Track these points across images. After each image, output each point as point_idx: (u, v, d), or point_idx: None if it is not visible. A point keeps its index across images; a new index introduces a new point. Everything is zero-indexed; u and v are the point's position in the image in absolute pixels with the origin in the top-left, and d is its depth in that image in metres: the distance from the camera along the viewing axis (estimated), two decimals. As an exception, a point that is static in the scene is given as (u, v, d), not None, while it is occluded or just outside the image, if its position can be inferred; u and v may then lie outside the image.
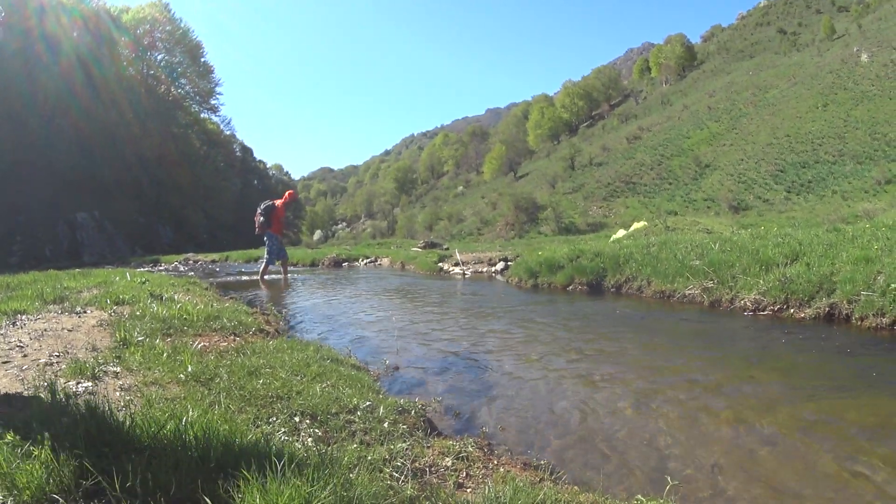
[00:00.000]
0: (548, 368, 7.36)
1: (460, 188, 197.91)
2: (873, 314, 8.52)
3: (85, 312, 8.14)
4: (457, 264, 21.83)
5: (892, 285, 8.41)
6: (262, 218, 20.01)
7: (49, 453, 3.00)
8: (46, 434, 3.18)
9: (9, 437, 3.21)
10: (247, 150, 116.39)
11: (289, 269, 23.58)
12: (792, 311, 9.81)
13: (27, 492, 2.82)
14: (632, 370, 7.16)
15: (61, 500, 2.84)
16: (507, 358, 8.03)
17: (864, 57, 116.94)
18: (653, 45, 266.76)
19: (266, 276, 20.58)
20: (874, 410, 5.47)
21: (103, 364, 5.31)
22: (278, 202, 20.46)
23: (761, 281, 10.68)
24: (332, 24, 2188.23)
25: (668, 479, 4.21)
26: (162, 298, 9.76)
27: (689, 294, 12.02)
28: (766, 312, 10.14)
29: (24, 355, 5.57)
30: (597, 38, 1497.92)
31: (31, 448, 3.09)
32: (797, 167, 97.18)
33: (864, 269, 9.36)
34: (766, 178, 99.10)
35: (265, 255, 20.75)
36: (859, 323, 8.70)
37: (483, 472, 4.20)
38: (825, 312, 9.29)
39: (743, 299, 10.72)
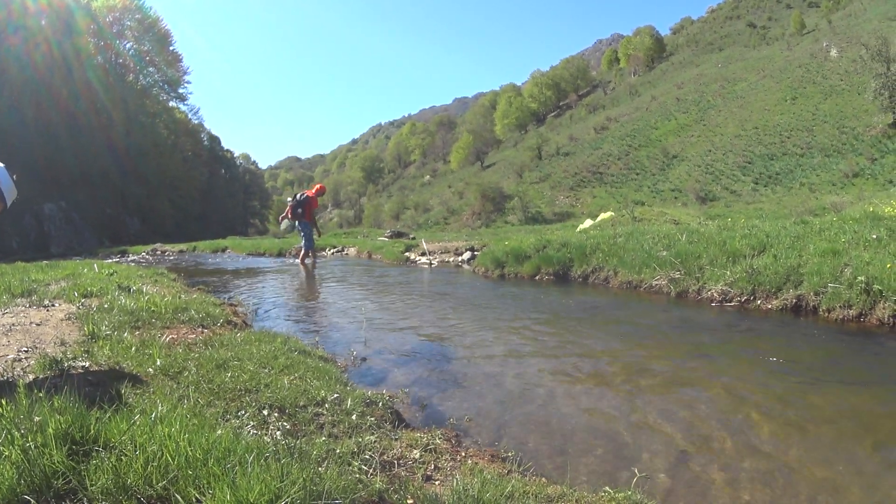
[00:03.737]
0: (514, 359, 7.41)
1: (427, 177, 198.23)
2: (840, 306, 8.64)
3: (53, 306, 8.07)
4: (423, 254, 21.83)
5: (860, 278, 8.52)
6: (299, 209, 21.50)
7: (20, 453, 3.00)
8: (17, 433, 3.18)
9: (-23, 438, 3.19)
10: (214, 140, 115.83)
11: (260, 258, 24.18)
12: (759, 302, 9.93)
13: (-2, 493, 2.81)
14: (599, 361, 7.21)
15: (33, 500, 2.83)
16: (473, 348, 8.07)
17: (833, 52, 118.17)
18: (622, 36, 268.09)
19: (307, 261, 21.76)
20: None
21: (72, 359, 5.28)
22: (311, 193, 21.85)
23: (728, 272, 10.77)
24: (298, 12, 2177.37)
25: (636, 471, 4.26)
26: (130, 290, 9.70)
27: (656, 285, 12.10)
28: (733, 303, 10.23)
29: (-13, 351, 5.54)
30: (566, 28, 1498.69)
31: (2, 448, 3.07)
32: (765, 159, 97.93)
33: (832, 261, 9.48)
34: (733, 169, 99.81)
35: (303, 243, 22.06)
36: (826, 315, 8.82)
37: (451, 464, 4.23)
38: (792, 304, 9.40)
39: (710, 290, 10.81)
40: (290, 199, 22.52)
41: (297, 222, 22.28)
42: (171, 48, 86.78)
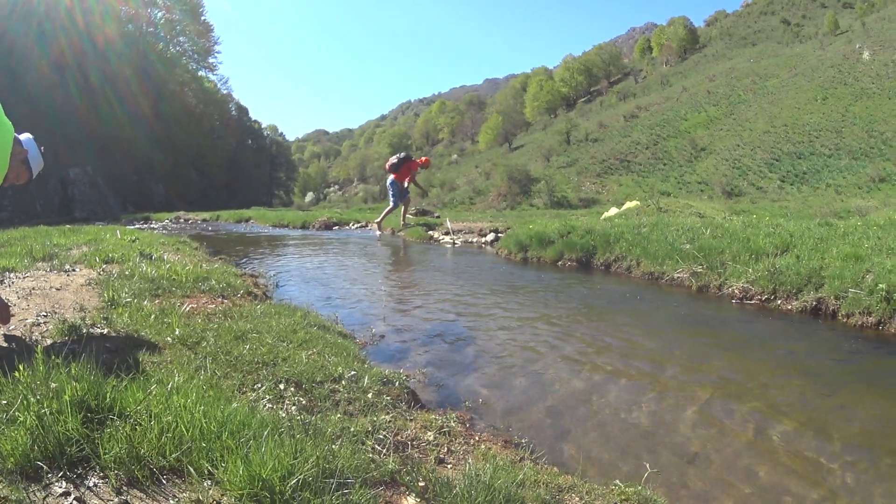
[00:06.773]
0: (533, 344, 7.36)
1: (454, 156, 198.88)
2: (860, 312, 8.54)
3: (74, 271, 8.08)
4: (447, 233, 21.73)
5: (881, 285, 8.41)
6: (394, 160, 23.24)
7: (35, 419, 3.00)
8: (32, 399, 3.18)
9: (-7, 403, 3.20)
10: (242, 110, 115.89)
11: (284, 229, 24.56)
12: (779, 302, 9.80)
13: (11, 459, 2.82)
14: (614, 350, 7.15)
15: (45, 466, 2.85)
16: (492, 331, 8.04)
17: (865, 54, 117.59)
18: (656, 25, 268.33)
19: (381, 225, 24.16)
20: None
21: (91, 325, 5.31)
22: (418, 160, 23.80)
23: (750, 269, 10.66)
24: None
25: (647, 465, 4.24)
26: (151, 258, 9.72)
27: (678, 277, 11.98)
28: (753, 301, 10.14)
29: (12, 315, 5.55)
30: (600, 14, 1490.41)
31: (17, 414, 3.08)
32: (793, 157, 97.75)
33: (854, 266, 9.34)
34: (760, 165, 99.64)
35: (391, 201, 23.88)
36: (845, 320, 8.68)
37: (464, 448, 4.22)
38: (812, 306, 9.27)
39: (731, 287, 10.69)
40: (394, 157, 23.59)
41: (388, 180, 23.60)
42: (202, 18, 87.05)
